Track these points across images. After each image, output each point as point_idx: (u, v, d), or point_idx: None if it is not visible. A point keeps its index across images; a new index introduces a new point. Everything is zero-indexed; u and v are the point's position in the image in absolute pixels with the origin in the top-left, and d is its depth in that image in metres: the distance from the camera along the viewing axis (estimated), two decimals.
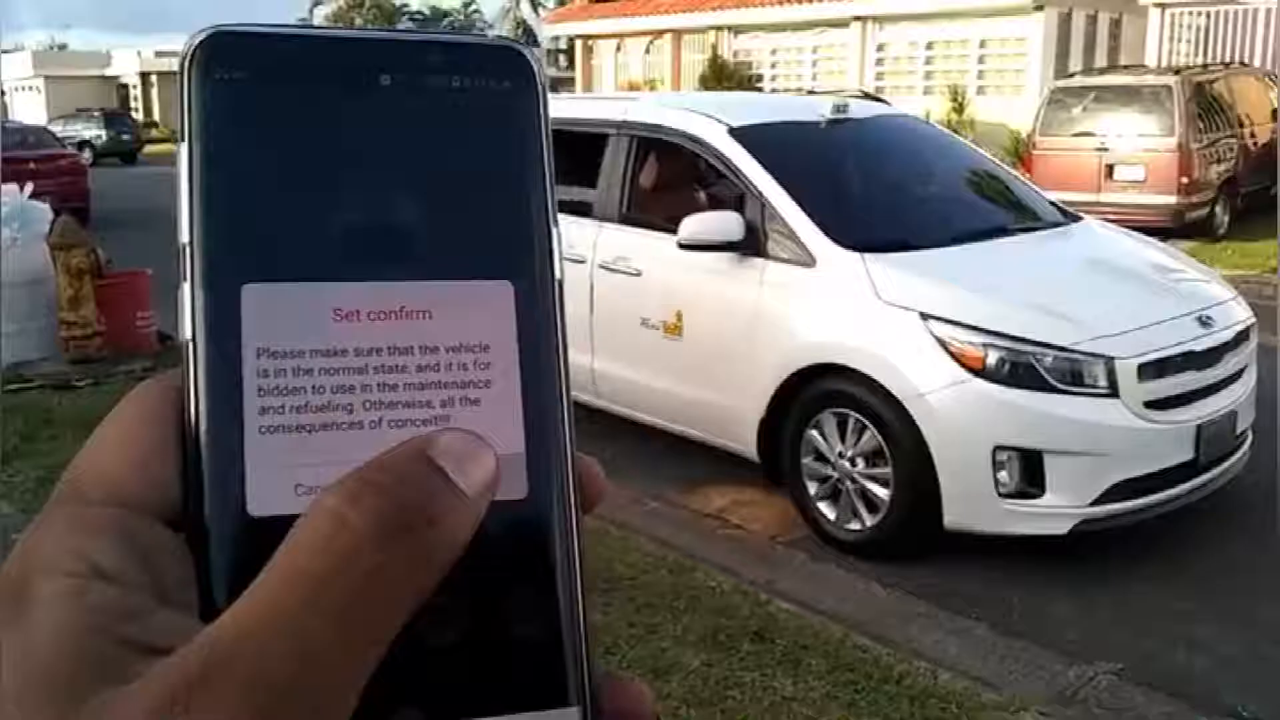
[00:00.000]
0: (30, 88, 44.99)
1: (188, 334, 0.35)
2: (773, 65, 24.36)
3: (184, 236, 0.35)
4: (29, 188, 7.34)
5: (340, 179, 0.36)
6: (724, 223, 4.68)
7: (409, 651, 0.33)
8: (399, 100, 0.37)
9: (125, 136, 31.99)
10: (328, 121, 0.37)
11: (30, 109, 40.73)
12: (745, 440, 4.72)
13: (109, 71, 47.77)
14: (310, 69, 0.37)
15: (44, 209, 7.08)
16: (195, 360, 0.35)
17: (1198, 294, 4.69)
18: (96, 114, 32.84)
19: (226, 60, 0.36)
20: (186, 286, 0.35)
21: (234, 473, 0.34)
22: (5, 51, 48.38)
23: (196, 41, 0.36)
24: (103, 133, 31.47)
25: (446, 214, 0.37)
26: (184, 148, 0.35)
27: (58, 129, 24.72)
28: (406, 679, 0.33)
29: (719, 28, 24.91)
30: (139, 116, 39.74)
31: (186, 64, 0.36)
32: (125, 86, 47.59)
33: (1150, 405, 4.11)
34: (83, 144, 28.48)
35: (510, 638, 0.35)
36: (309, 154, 0.36)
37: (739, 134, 4.94)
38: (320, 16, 53.26)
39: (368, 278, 0.36)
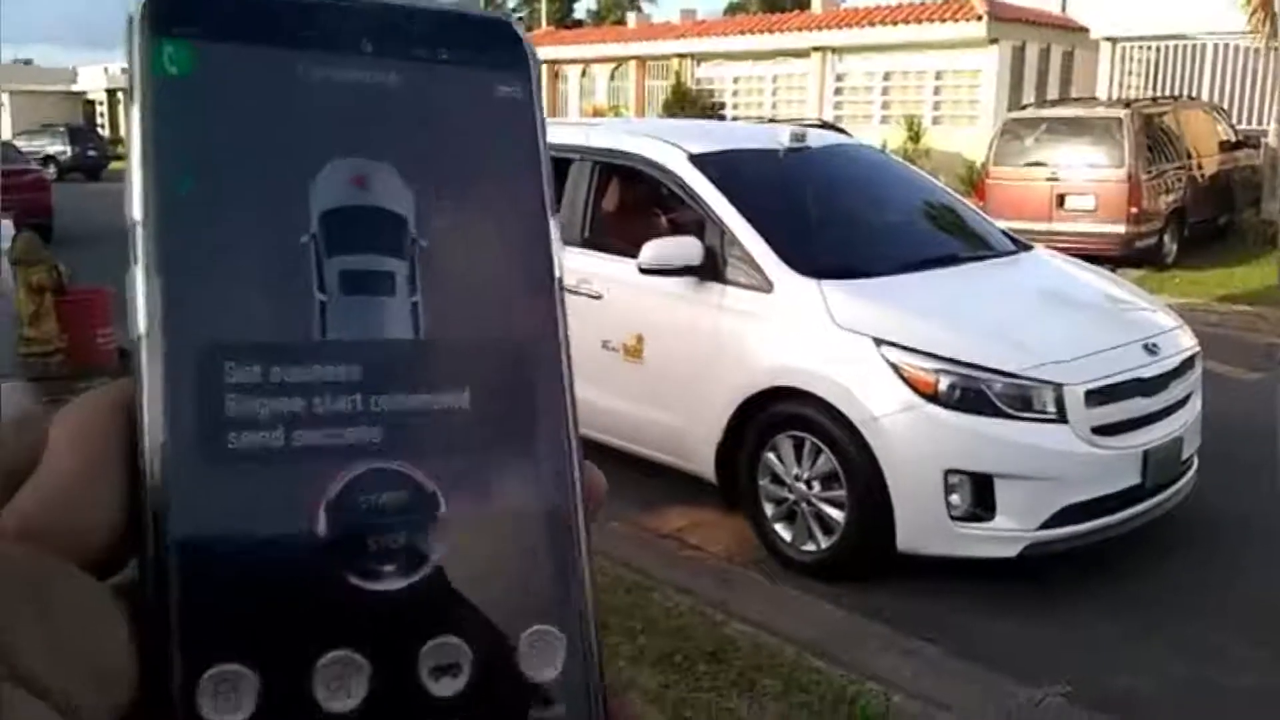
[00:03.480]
0: None
1: (140, 328, 0.30)
2: (734, 93, 24.60)
3: (135, 213, 0.31)
4: None
5: (313, 151, 0.32)
6: (684, 248, 4.74)
7: (420, 698, 0.31)
8: (379, 71, 0.33)
9: (91, 152, 31.51)
10: (302, 89, 0.32)
11: None
12: (703, 462, 4.77)
13: (75, 87, 47.24)
14: (279, 29, 0.32)
15: (6, 224, 7.02)
16: (150, 359, 0.30)
17: (1144, 322, 4.80)
18: (62, 129, 32.42)
19: (184, 15, 0.32)
20: (138, 271, 0.30)
21: (198, 498, 0.29)
22: None
23: None
24: (68, 148, 31.05)
25: (433, 197, 0.34)
26: (135, 112, 0.31)
27: (22, 144, 24.44)
28: None
29: (682, 56, 25.14)
30: (105, 133, 39.26)
31: (138, 17, 0.31)
32: (91, 102, 47.04)
33: (1098, 431, 4.20)
34: (47, 159, 28.09)
35: (528, 678, 0.32)
36: (276, 125, 0.32)
37: (699, 161, 5.01)
38: None
39: (355, 265, 0.32)
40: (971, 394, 4.08)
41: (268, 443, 0.30)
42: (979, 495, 4.08)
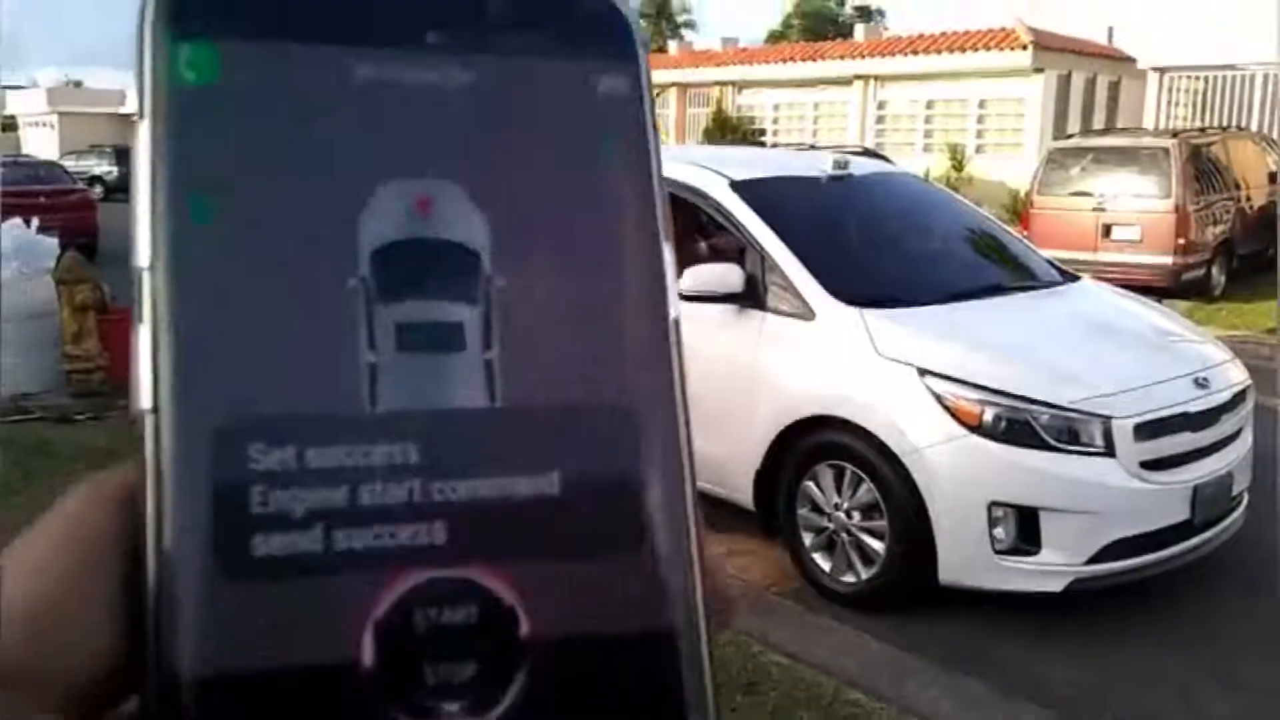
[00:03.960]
0: (44, 124, 45.33)
1: (146, 401, 0.24)
2: (775, 120, 24.62)
3: (142, 257, 0.25)
4: (35, 222, 7.40)
5: (364, 172, 0.26)
6: (724, 275, 4.73)
7: None
8: (448, 69, 0.27)
9: None
10: (350, 95, 0.26)
11: (44, 144, 40.92)
12: (742, 490, 4.73)
13: (123, 109, 48.14)
14: (323, 22, 0.26)
15: (51, 243, 7.13)
16: (159, 442, 0.24)
17: (1194, 355, 4.72)
18: (108, 150, 33.05)
19: (206, 9, 0.26)
20: (144, 331, 0.25)
21: (216, 619, 0.24)
22: (20, 88, 48.80)
23: None
24: (114, 169, 31.63)
25: (515, 226, 0.27)
26: (145, 130, 0.25)
27: (70, 164, 24.86)
28: None
29: (724, 83, 25.21)
30: None
31: (150, 13, 0.26)
32: None
33: (1146, 465, 4.13)
34: (94, 179, 28.63)
35: None
36: (318, 142, 0.26)
37: (740, 188, 5.00)
38: None
39: (414, 315, 0.26)
40: (1017, 426, 4.02)
41: (303, 546, 0.24)
42: (1023, 529, 4.01)
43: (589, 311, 0.27)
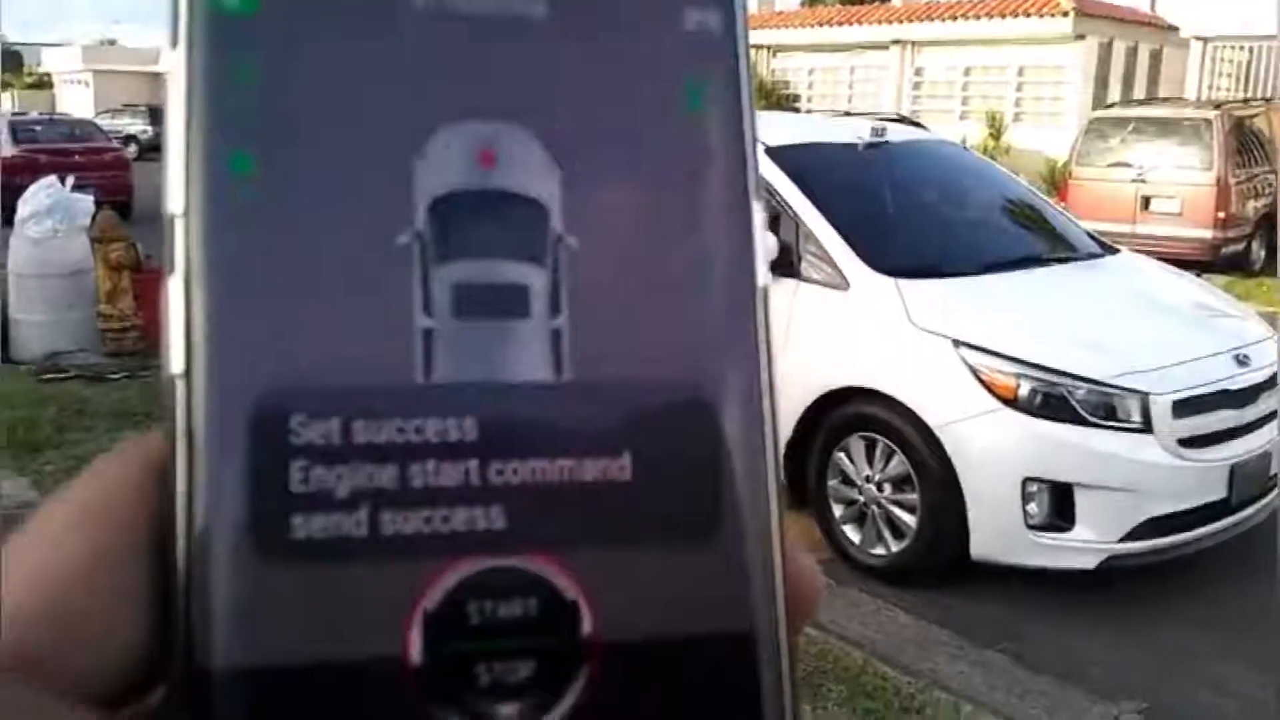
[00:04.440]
0: (79, 81, 45.53)
1: (176, 365, 0.22)
2: (810, 85, 24.38)
3: (174, 203, 0.23)
4: (70, 180, 7.43)
5: (421, 113, 0.24)
6: None
7: None
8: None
9: None
10: (407, 25, 0.24)
11: (78, 102, 41.10)
12: None
13: (157, 68, 48.13)
14: None
15: (86, 201, 7.16)
16: (190, 409, 0.22)
17: (1235, 331, 4.65)
18: (143, 109, 33.13)
19: None
20: (175, 284, 0.22)
21: (249, 608, 0.22)
22: (56, 45, 49.06)
23: None
24: (149, 128, 31.70)
25: (589, 177, 0.24)
26: (178, 62, 0.23)
27: (105, 123, 24.98)
28: None
29: (758, 47, 24.94)
30: None
31: None
32: None
33: (1184, 443, 4.07)
34: (129, 138, 28.73)
35: None
36: (371, 78, 0.23)
37: (775, 153, 4.94)
38: None
39: (475, 275, 0.24)
40: (1053, 400, 3.97)
41: (346, 529, 0.22)
42: (1058, 505, 3.97)
43: (669, 277, 0.25)
